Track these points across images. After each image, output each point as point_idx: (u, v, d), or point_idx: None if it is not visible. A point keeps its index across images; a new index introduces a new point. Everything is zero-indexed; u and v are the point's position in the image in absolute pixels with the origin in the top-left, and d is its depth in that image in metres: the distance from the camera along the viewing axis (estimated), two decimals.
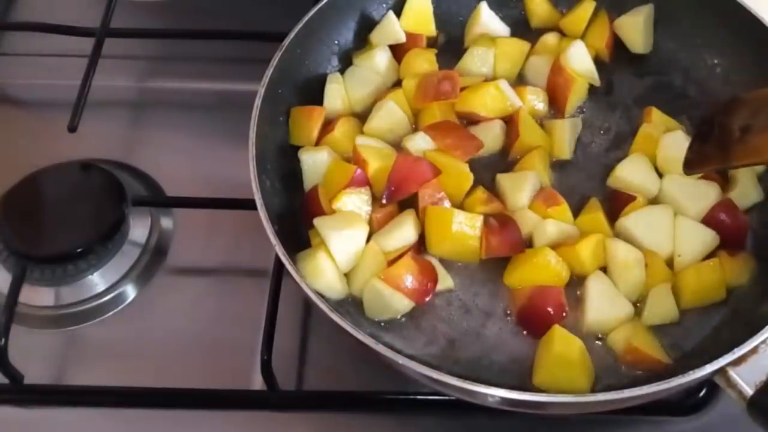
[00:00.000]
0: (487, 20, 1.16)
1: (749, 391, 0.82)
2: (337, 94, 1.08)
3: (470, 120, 1.08)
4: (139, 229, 1.11)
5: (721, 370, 0.83)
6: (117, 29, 1.26)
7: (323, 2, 1.09)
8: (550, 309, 0.93)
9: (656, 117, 1.08)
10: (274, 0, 1.28)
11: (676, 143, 1.03)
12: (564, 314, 0.94)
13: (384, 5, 1.16)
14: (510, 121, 1.07)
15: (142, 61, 1.31)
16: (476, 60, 1.12)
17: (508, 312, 0.96)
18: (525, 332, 0.94)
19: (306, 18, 1.07)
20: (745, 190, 1.02)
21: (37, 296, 1.05)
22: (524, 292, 0.95)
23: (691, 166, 0.98)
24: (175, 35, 1.28)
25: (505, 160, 1.07)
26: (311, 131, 1.05)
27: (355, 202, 0.98)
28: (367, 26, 1.14)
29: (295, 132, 1.06)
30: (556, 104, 1.11)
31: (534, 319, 0.94)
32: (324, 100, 1.08)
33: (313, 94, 1.09)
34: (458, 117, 1.07)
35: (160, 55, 1.31)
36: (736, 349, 0.83)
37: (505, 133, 1.07)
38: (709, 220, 0.99)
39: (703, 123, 0.99)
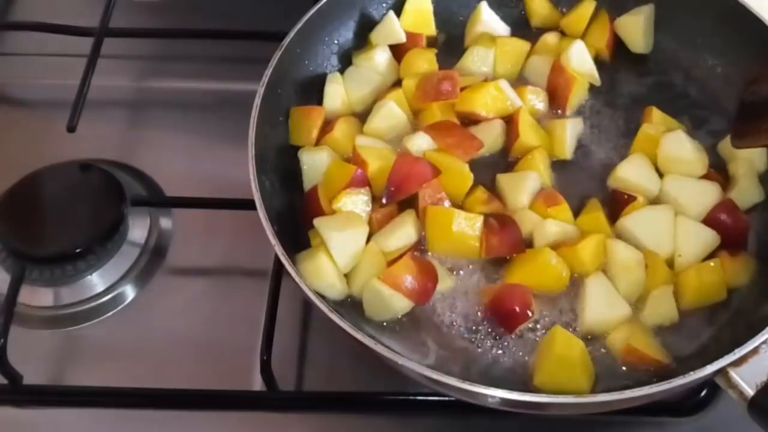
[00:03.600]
0: (488, 19, 1.16)
1: (750, 392, 0.82)
2: (337, 93, 1.08)
3: (470, 120, 1.08)
4: (138, 230, 1.11)
5: (722, 371, 0.83)
6: (116, 29, 1.26)
7: (323, 2, 1.09)
8: (516, 308, 0.92)
9: (657, 117, 1.07)
10: (274, 0, 1.28)
11: (676, 143, 1.03)
12: (530, 314, 0.93)
13: (384, 5, 1.16)
14: (510, 121, 1.07)
15: (141, 61, 1.31)
16: (476, 59, 1.12)
17: None
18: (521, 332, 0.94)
19: (305, 18, 1.07)
20: (746, 190, 1.02)
21: (36, 296, 1.05)
22: (493, 288, 0.95)
23: (741, 137, 0.93)
24: (175, 35, 1.28)
25: (505, 159, 1.07)
26: (311, 131, 1.05)
27: (355, 203, 0.98)
28: (367, 26, 1.14)
29: (295, 132, 1.06)
30: (556, 104, 1.10)
31: (500, 316, 0.94)
32: (324, 99, 1.08)
33: (313, 93, 1.09)
34: (458, 117, 1.07)
35: (159, 54, 1.31)
36: (737, 350, 0.83)
37: (506, 133, 1.07)
38: (709, 221, 0.99)
39: (756, 84, 0.91)
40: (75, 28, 1.27)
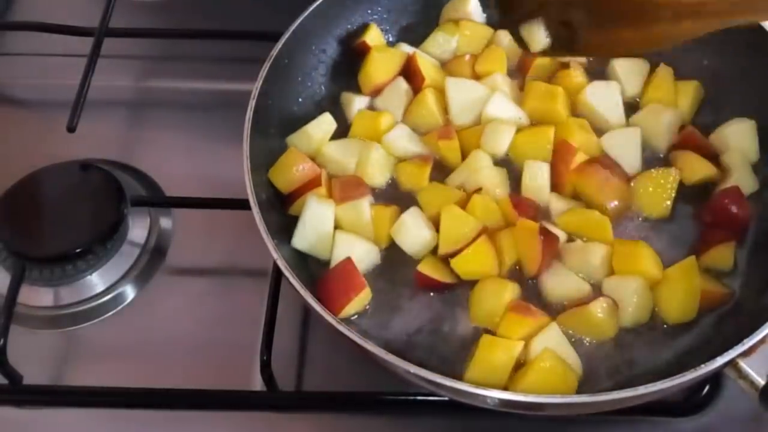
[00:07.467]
0: (473, 11, 1.16)
1: (761, 381, 0.82)
2: (319, 131, 1.07)
3: (376, 91, 1.11)
4: (138, 230, 1.11)
5: (732, 362, 0.83)
6: (116, 29, 1.26)
7: (305, 15, 1.08)
8: None
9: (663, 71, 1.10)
10: (273, 0, 1.28)
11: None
12: None
13: (369, 11, 1.16)
14: (410, 71, 1.10)
15: (140, 61, 1.31)
16: (436, 46, 1.14)
17: None
18: None
19: (292, 27, 1.07)
20: (741, 181, 1.01)
21: (36, 296, 1.05)
22: None
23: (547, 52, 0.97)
24: (174, 35, 1.28)
25: None
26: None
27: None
28: (352, 34, 1.15)
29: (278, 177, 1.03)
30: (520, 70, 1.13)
31: None
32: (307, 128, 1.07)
33: (302, 102, 1.10)
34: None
35: (159, 54, 1.31)
36: (745, 340, 0.82)
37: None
38: (714, 207, 0.99)
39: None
40: (75, 28, 1.27)
